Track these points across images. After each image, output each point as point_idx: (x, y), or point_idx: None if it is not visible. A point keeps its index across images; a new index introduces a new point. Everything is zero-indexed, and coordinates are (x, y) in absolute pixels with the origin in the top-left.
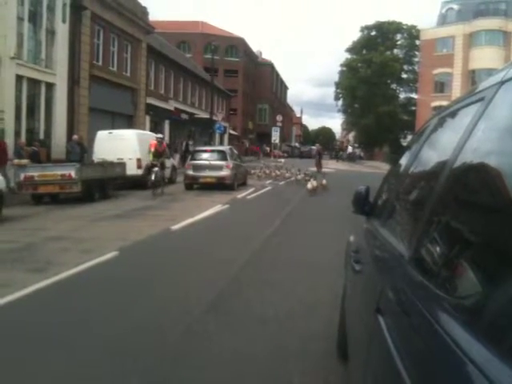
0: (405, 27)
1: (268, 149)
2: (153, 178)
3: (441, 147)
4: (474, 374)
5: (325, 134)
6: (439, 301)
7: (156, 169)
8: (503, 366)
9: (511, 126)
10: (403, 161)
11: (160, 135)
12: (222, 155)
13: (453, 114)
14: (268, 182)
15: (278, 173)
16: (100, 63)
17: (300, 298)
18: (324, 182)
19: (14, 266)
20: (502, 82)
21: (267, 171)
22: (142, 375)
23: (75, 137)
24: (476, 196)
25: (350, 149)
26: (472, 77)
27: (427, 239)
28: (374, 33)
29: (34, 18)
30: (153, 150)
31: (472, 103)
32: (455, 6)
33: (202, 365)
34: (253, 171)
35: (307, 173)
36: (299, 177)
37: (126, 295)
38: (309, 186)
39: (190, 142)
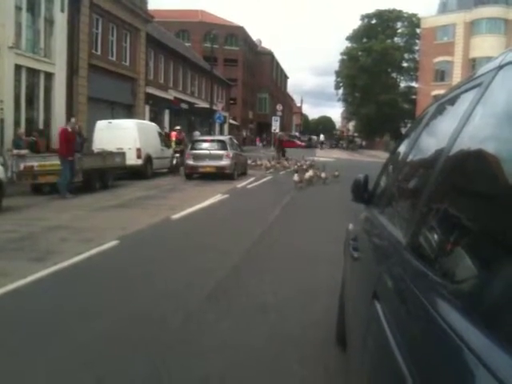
0: (405, 15)
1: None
2: (174, 162)
3: (438, 134)
4: (470, 360)
5: (325, 124)
6: (435, 286)
7: (177, 155)
8: (501, 352)
9: (509, 111)
10: (401, 148)
11: (178, 127)
12: (222, 145)
13: (451, 101)
14: (268, 171)
15: (285, 164)
16: (99, 52)
17: (300, 285)
18: (323, 174)
19: (14, 256)
20: (500, 67)
21: (272, 162)
22: (142, 362)
23: (75, 127)
24: (472, 182)
25: (321, 137)
26: (473, 65)
27: (424, 225)
28: (374, 21)
29: (33, 7)
30: (174, 139)
31: (470, 89)
32: None
33: (202, 352)
34: (259, 162)
35: (302, 163)
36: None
37: (126, 284)
38: (295, 178)
39: (197, 133)
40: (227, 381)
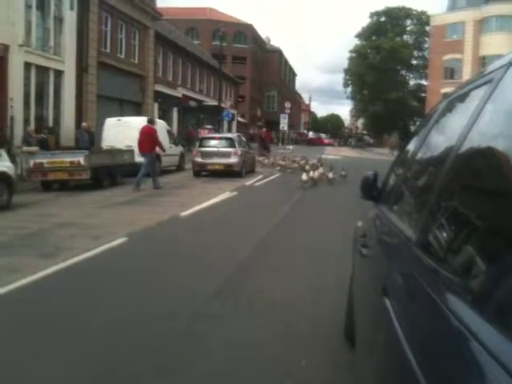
0: (414, 13)
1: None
2: None
3: (448, 131)
4: (482, 356)
5: (333, 121)
6: (445, 282)
7: None
8: None
9: None
10: (411, 146)
11: (210, 126)
12: (231, 142)
13: (461, 97)
14: (276, 169)
15: (301, 163)
16: (108, 50)
17: (308, 283)
18: (330, 174)
19: (24, 252)
20: (511, 64)
21: (288, 161)
22: (150, 357)
23: (84, 124)
24: (482, 179)
25: (310, 134)
26: (483, 63)
27: (434, 222)
28: (383, 19)
29: (42, 5)
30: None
31: (480, 86)
32: None
33: (210, 347)
34: (272, 160)
35: (313, 162)
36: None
37: (135, 280)
38: (303, 177)
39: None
40: (234, 376)
